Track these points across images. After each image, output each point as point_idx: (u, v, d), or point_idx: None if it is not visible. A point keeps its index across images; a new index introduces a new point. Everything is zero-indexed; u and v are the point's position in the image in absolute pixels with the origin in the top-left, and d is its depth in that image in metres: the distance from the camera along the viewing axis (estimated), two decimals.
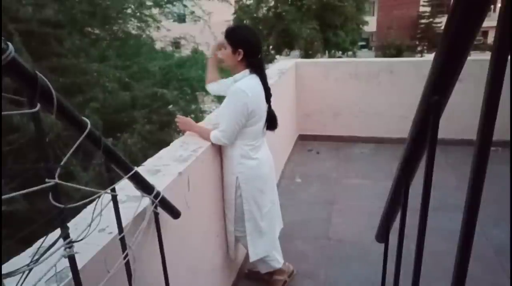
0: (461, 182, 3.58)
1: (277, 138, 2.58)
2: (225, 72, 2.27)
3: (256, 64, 1.90)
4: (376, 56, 26.27)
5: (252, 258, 2.13)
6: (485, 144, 0.58)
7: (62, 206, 0.65)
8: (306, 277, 2.49)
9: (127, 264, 0.99)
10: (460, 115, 3.70)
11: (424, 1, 30.53)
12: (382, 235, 1.37)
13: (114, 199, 0.93)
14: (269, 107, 2.02)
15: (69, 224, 0.71)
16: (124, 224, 0.98)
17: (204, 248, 1.93)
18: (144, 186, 1.07)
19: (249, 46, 1.86)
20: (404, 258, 1.14)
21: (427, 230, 0.87)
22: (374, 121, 4.85)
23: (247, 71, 1.89)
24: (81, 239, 0.75)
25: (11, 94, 0.61)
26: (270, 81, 2.00)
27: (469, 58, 0.68)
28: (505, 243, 2.64)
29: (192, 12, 6.65)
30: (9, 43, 0.54)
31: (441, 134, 0.76)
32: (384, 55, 24.42)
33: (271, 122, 2.04)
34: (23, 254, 0.96)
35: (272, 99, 2.03)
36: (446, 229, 2.22)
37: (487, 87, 0.55)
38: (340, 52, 23.14)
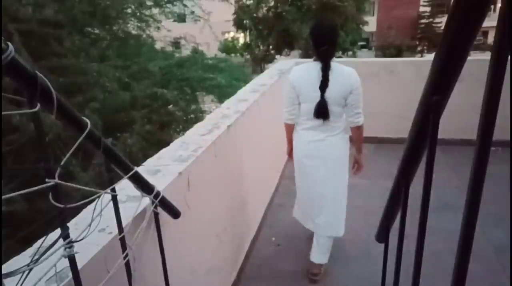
0: (461, 182, 3.57)
1: (277, 139, 2.57)
2: None
3: (319, 54, 2.19)
4: (376, 56, 26.23)
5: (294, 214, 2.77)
6: (485, 144, 0.58)
7: (62, 206, 0.65)
8: (307, 277, 2.49)
9: (127, 264, 0.99)
10: (460, 115, 3.70)
11: (424, 1, 30.48)
12: (382, 235, 1.37)
13: (114, 199, 0.93)
14: (322, 96, 2.16)
15: (69, 224, 0.71)
16: (124, 224, 0.98)
17: (204, 248, 1.93)
18: (144, 186, 1.07)
19: (312, 38, 2.21)
20: (404, 258, 1.14)
21: (427, 230, 0.87)
22: (374, 121, 4.82)
23: (313, 58, 2.23)
24: (81, 239, 0.75)
25: (11, 94, 0.61)
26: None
27: (469, 58, 0.67)
28: (505, 243, 2.64)
29: (192, 12, 6.66)
30: (9, 43, 0.54)
31: (441, 134, 0.76)
32: (384, 55, 24.40)
33: (318, 111, 2.19)
34: (23, 254, 0.95)
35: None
36: (446, 229, 2.22)
37: (487, 87, 0.55)
38: (340, 52, 23.13)
